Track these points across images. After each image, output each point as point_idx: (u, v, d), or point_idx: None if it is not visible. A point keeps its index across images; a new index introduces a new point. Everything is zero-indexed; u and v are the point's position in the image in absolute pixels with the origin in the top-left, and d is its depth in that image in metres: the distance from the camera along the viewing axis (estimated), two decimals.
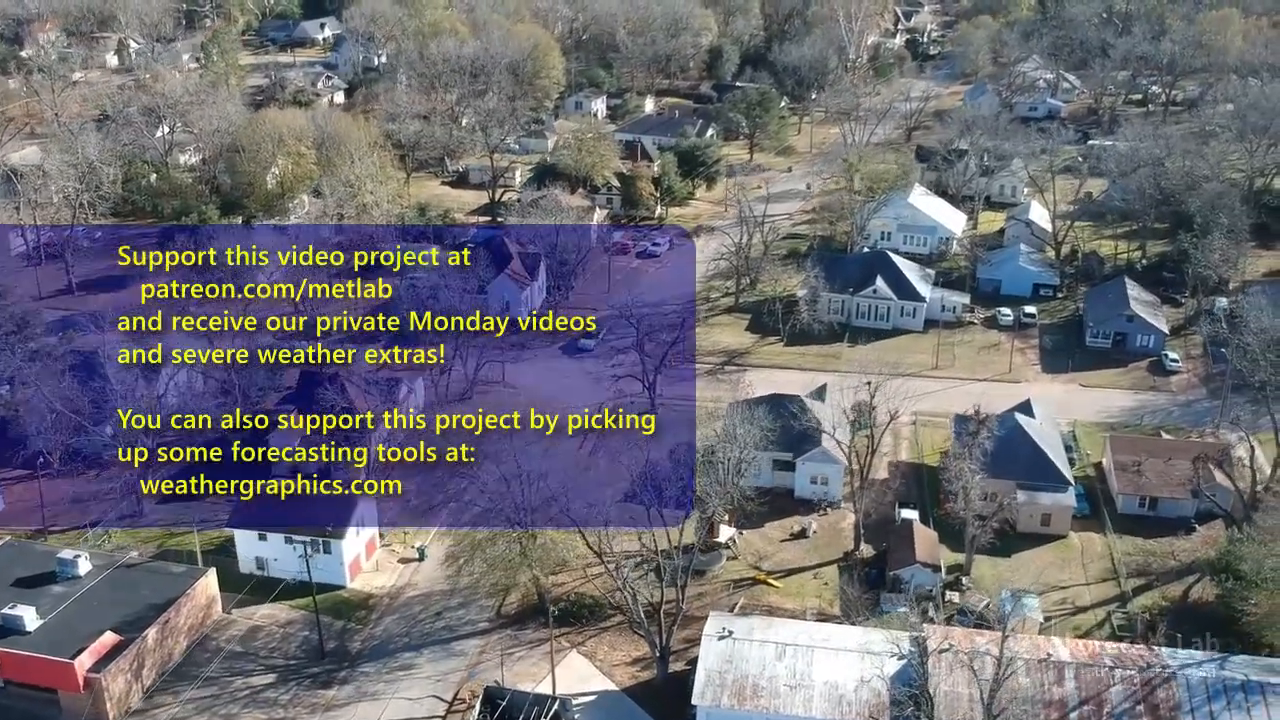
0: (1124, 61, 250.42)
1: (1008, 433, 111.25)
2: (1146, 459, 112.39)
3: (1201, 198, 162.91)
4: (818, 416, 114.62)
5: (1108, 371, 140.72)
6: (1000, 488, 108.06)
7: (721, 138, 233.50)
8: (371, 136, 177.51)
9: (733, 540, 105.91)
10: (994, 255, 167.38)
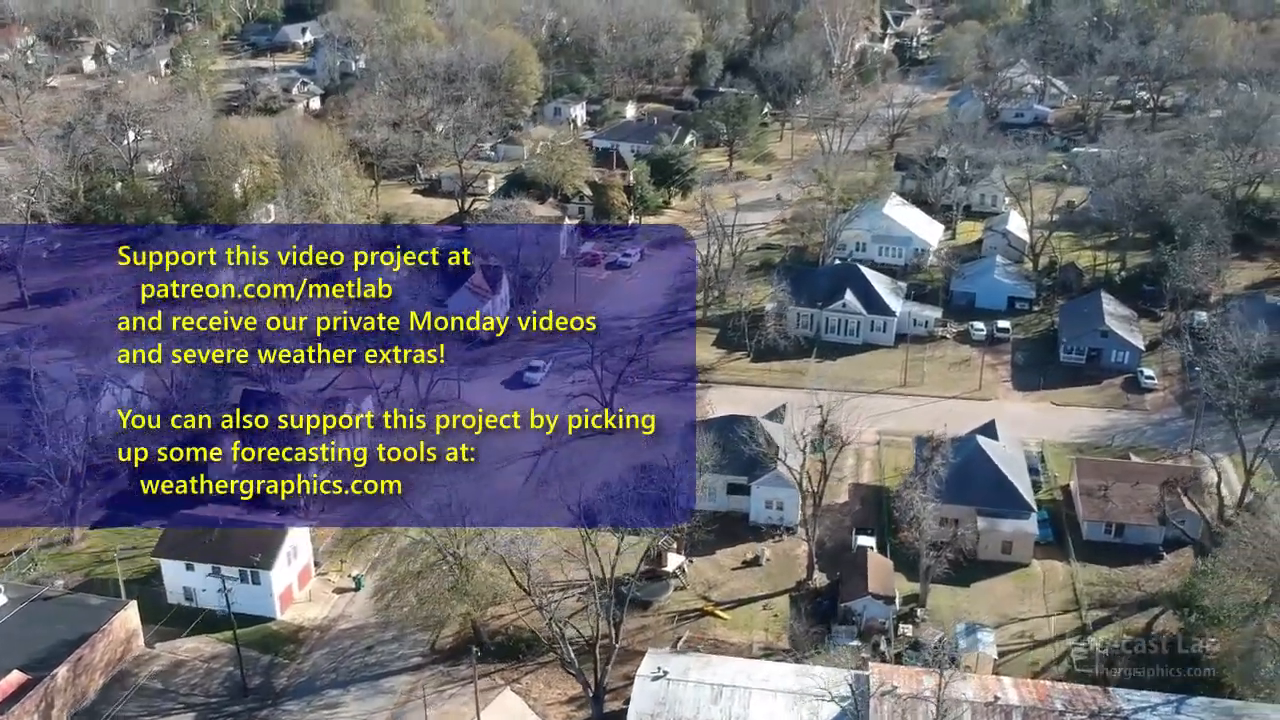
0: (1111, 67, 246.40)
1: (968, 456, 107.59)
2: (1113, 483, 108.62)
3: (1182, 208, 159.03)
4: (774, 438, 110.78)
5: (1081, 389, 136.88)
6: (960, 514, 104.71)
7: (701, 145, 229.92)
8: (336, 145, 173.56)
9: (682, 569, 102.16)
10: (968, 267, 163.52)
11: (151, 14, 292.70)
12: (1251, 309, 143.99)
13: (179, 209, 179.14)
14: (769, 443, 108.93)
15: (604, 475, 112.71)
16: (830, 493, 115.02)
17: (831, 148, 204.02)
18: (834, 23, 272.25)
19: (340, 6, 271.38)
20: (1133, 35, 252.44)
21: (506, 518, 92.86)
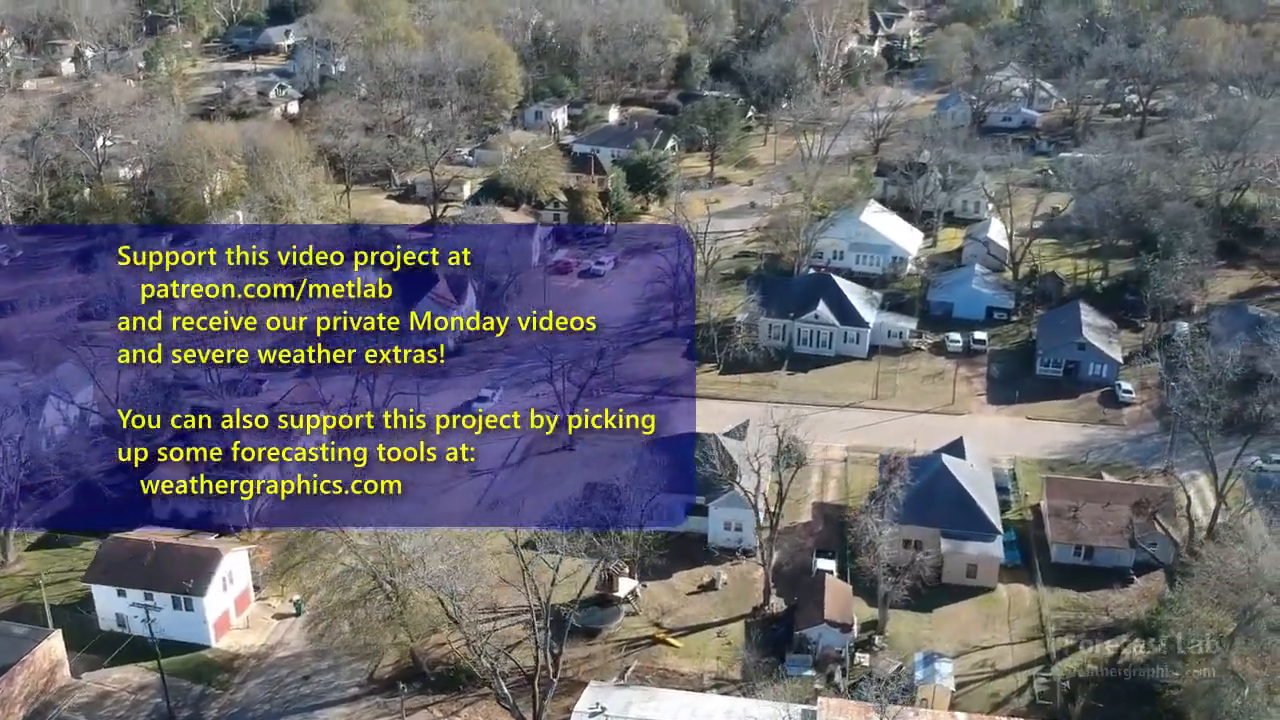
0: (1100, 70, 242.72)
1: (933, 476, 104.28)
2: (1084, 504, 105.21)
3: (1164, 216, 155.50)
4: (733, 457, 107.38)
5: (1057, 403, 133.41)
6: (924, 535, 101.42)
7: (683, 149, 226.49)
8: (303, 151, 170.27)
9: (634, 594, 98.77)
10: (946, 277, 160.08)
11: (131, 16, 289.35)
12: (1233, 320, 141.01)
13: (146, 214, 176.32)
14: (727, 462, 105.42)
15: (560, 494, 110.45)
16: (792, 512, 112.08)
17: (812, 153, 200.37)
18: (820, 25, 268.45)
19: (320, 9, 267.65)
20: (1121, 38, 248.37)
21: (450, 544, 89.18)
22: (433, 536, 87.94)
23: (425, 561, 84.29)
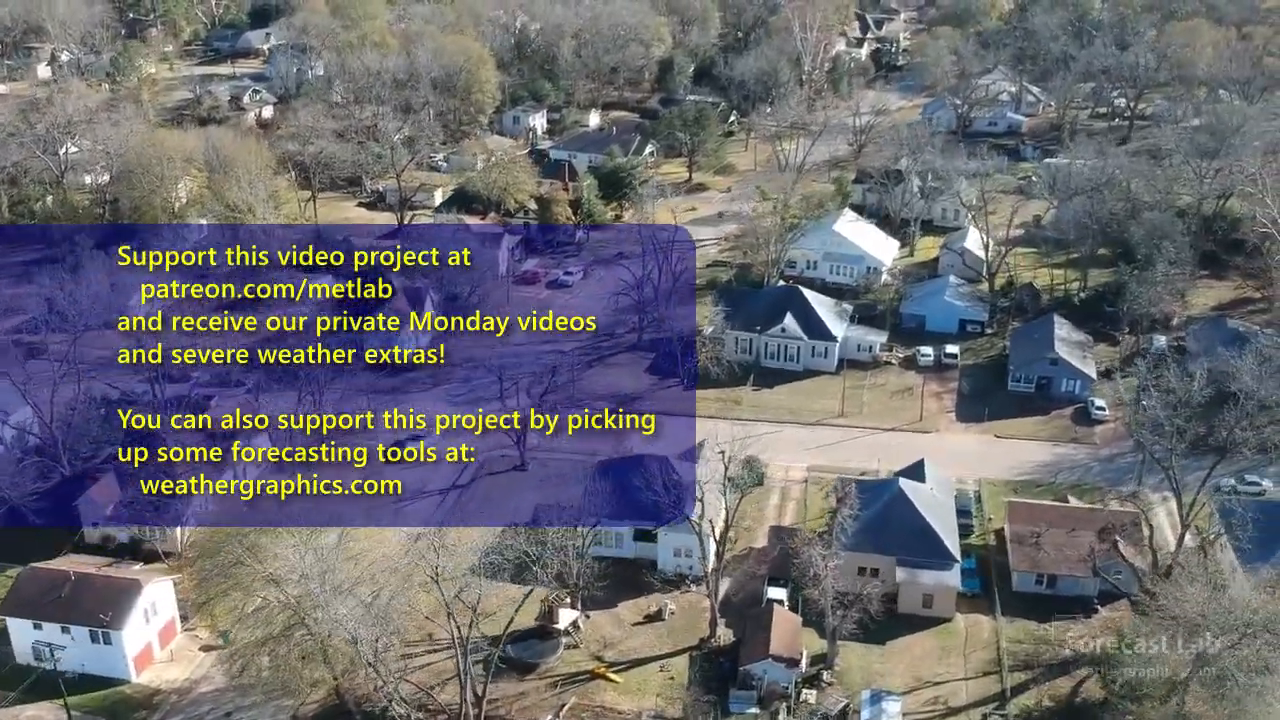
0: (1086, 74, 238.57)
1: (889, 501, 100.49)
2: (1047, 529, 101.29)
3: (1144, 226, 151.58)
4: (685, 480, 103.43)
5: (1028, 420, 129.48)
6: (879, 564, 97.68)
7: (662, 155, 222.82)
8: (264, 159, 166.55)
9: (576, 625, 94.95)
10: (918, 288, 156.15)
11: (108, 19, 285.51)
12: (1211, 334, 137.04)
13: (108, 222, 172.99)
14: (679, 485, 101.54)
15: (508, 517, 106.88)
16: (748, 536, 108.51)
17: (788, 160, 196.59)
18: (804, 28, 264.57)
19: (295, 13, 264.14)
20: (1109, 41, 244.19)
21: (378, 575, 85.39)
22: (366, 566, 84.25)
23: (351, 594, 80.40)
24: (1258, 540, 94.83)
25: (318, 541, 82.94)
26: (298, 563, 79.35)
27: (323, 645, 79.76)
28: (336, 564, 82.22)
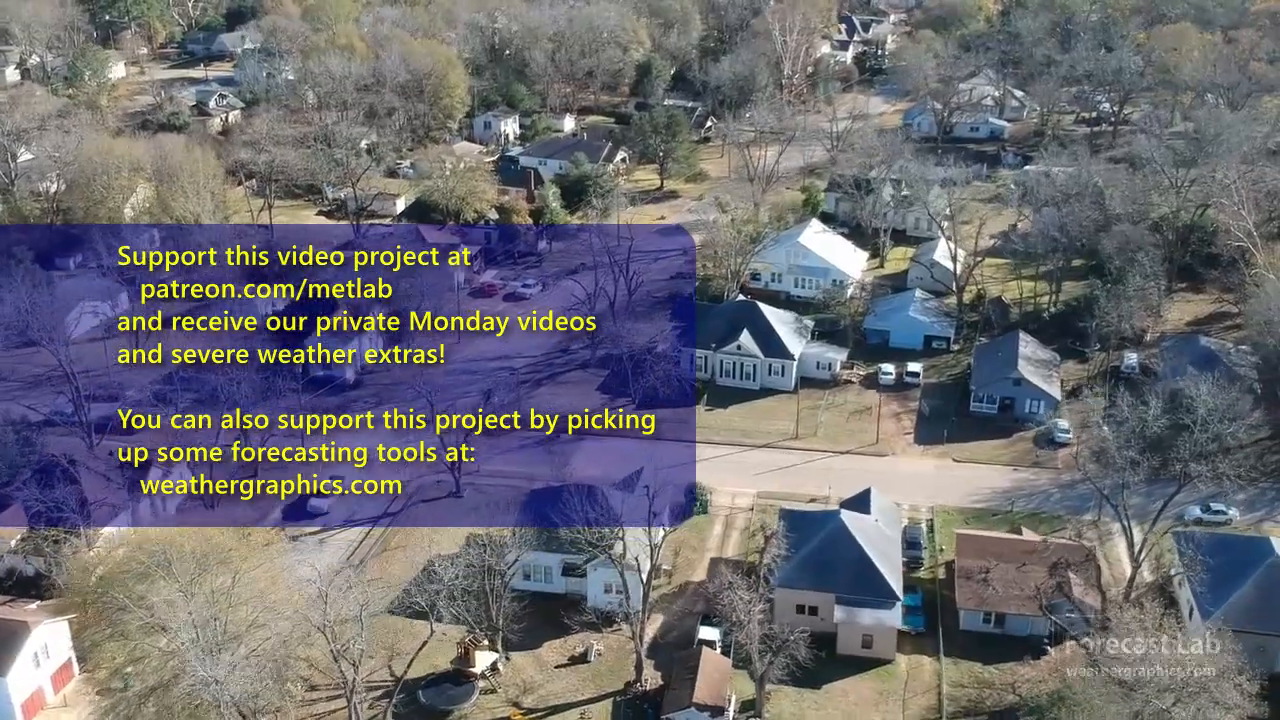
0: (1069, 78, 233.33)
1: (829, 535, 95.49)
2: (996, 564, 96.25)
3: (1115, 239, 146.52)
4: (618, 511, 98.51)
5: (989, 443, 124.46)
6: (817, 601, 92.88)
7: (634, 162, 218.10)
8: (212, 167, 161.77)
9: (494, 668, 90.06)
10: (882, 303, 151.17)
11: (79, 22, 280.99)
12: (1183, 351, 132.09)
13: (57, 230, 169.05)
14: (609, 516, 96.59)
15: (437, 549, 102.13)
16: (686, 567, 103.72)
17: (758, 168, 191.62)
18: (785, 31, 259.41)
19: (266, 15, 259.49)
20: (1091, 44, 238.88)
21: (282, 615, 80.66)
22: (262, 609, 79.53)
23: (242, 642, 75.71)
24: (1216, 578, 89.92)
25: (211, 584, 78.19)
26: (182, 609, 74.49)
27: (210, 700, 74.88)
28: (227, 608, 77.44)
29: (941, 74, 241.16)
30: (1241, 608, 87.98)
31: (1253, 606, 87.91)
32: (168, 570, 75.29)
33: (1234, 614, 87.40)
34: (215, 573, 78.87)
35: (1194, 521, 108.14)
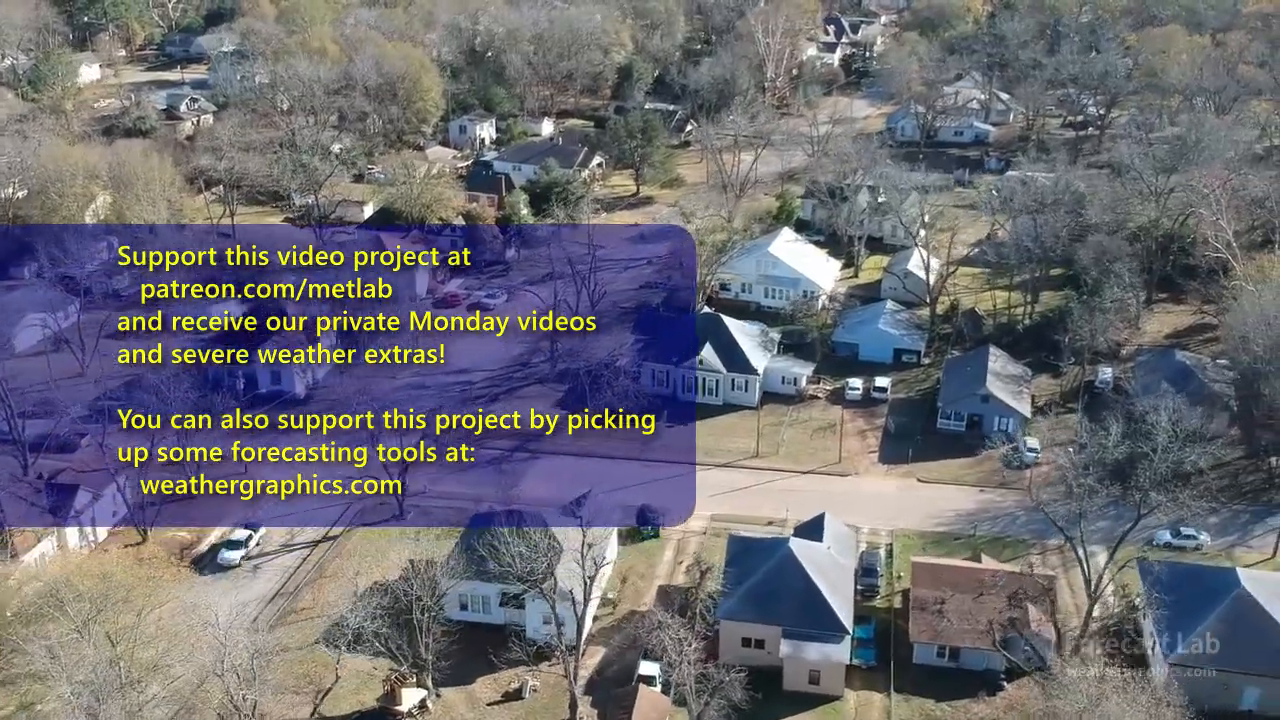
0: (1054, 81, 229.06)
1: (777, 565, 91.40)
2: (952, 594, 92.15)
3: (1091, 249, 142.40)
4: (561, 539, 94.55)
5: (955, 462, 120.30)
6: (764, 635, 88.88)
7: (612, 167, 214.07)
8: (169, 175, 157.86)
9: (423, 705, 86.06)
10: (853, 314, 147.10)
11: (55, 24, 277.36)
12: (1157, 367, 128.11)
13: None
14: (551, 545, 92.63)
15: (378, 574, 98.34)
16: (634, 596, 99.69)
17: (733, 175, 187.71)
18: (768, 33, 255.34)
19: (240, 17, 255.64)
20: (1077, 47, 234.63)
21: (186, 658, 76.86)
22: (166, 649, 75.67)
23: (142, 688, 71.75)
24: (1179, 611, 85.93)
25: (113, 622, 74.27)
26: (76, 651, 70.55)
27: None
28: (131, 648, 73.51)
29: (925, 77, 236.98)
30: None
31: (1217, 642, 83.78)
32: (60, 609, 71.16)
33: (1197, 650, 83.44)
34: (118, 610, 74.75)
35: (1163, 546, 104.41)
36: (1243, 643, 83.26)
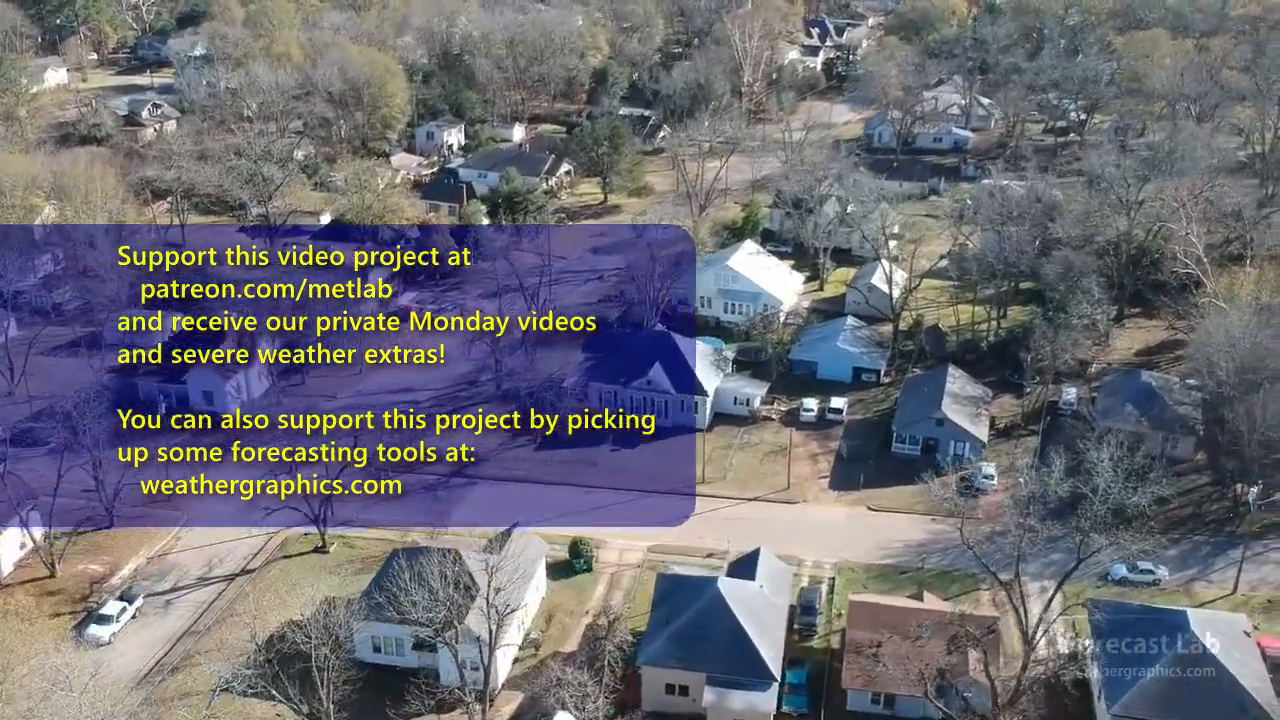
0: (1033, 86, 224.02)
1: (704, 607, 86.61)
2: (889, 637, 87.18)
3: (1056, 265, 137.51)
4: (478, 578, 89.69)
5: (907, 489, 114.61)
6: (688, 681, 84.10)
7: (580, 174, 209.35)
8: (110, 185, 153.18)
9: None
10: (810, 331, 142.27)
11: (24, 27, 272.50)
12: (1121, 388, 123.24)
13: None
14: (466, 586, 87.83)
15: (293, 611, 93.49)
16: (560, 636, 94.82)
17: (699, 182, 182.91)
18: (745, 37, 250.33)
19: (206, 21, 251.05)
20: (1057, 51, 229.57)
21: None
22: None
23: None
24: (1126, 657, 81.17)
25: None
26: None
27: None
28: None
29: (904, 82, 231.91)
30: (1151, 693, 79.10)
31: (1163, 692, 78.95)
32: None
33: (1142, 700, 78.73)
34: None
35: (1119, 581, 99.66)
36: (1189, 694, 78.37)
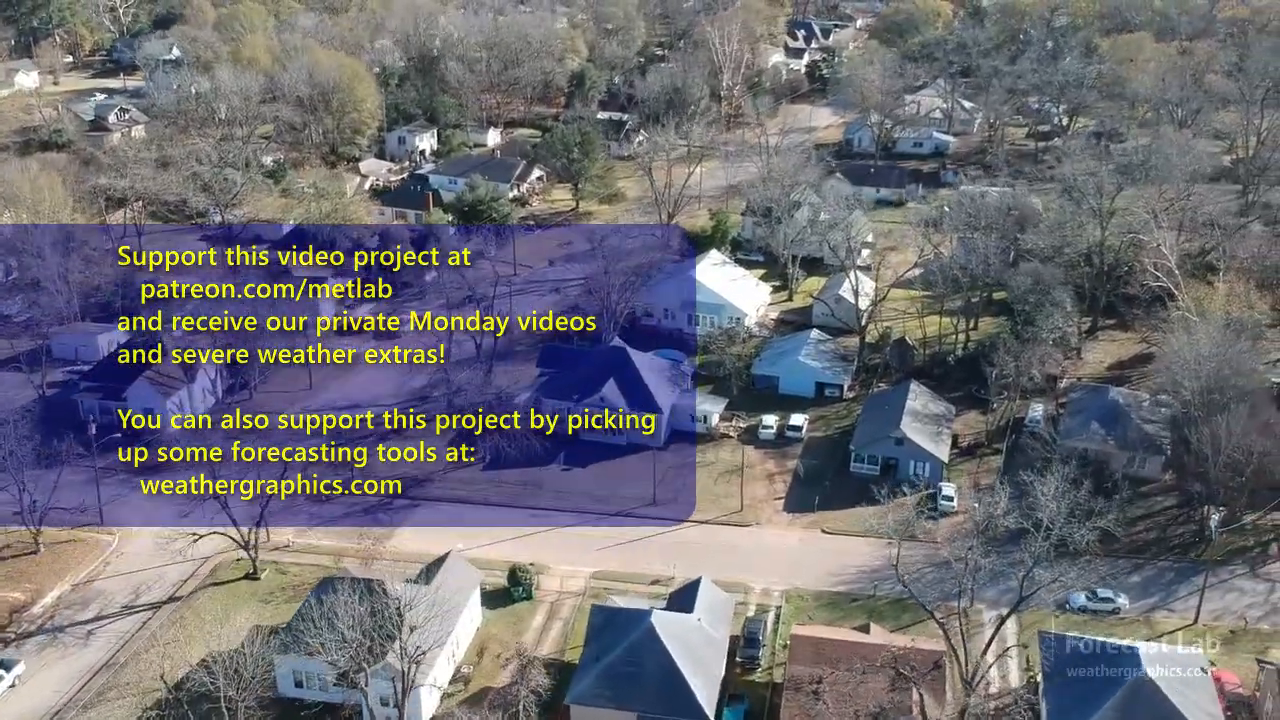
0: (1014, 90, 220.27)
1: (636, 641, 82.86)
2: (832, 673, 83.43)
3: (1026, 276, 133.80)
4: (402, 611, 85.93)
5: (865, 510, 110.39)
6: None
7: (553, 180, 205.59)
8: (59, 196, 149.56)
9: None
10: (773, 345, 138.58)
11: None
12: (1088, 405, 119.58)
13: None
14: (387, 620, 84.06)
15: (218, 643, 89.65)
16: (492, 670, 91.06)
17: (668, 189, 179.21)
18: (724, 40, 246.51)
19: (177, 24, 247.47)
20: (1039, 54, 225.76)
21: None
22: None
23: None
24: (1076, 695, 77.58)
25: None
26: None
27: None
28: None
29: (884, 86, 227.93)
30: None
31: None
32: None
33: None
34: None
35: (1079, 610, 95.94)
36: None
